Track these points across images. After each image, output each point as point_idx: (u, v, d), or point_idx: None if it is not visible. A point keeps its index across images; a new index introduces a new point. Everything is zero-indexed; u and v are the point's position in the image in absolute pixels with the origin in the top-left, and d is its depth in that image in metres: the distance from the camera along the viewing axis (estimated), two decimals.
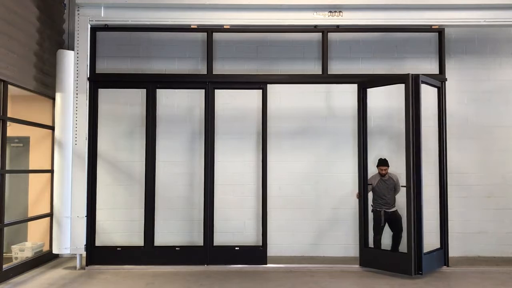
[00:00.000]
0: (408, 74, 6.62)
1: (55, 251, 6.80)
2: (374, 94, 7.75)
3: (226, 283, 6.11)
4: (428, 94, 7.14)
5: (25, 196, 7.51)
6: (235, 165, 7.65)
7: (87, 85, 6.93)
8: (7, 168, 6.65)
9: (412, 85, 6.59)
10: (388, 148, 7.77)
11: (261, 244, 7.06)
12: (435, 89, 7.16)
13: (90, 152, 6.98)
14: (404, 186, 6.64)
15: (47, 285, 5.98)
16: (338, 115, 7.79)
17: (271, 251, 7.46)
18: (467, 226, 7.62)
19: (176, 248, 7.02)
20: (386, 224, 7.15)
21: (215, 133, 7.26)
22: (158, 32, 7.54)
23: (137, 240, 7.17)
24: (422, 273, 6.38)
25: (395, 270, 6.54)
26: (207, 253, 6.98)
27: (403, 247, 6.82)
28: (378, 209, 7.10)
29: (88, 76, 6.96)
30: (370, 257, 6.87)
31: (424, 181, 7.64)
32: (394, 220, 7.12)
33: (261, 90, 7.19)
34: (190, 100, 7.67)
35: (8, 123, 6.26)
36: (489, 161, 7.76)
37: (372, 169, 7.29)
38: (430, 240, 6.93)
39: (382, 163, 7.15)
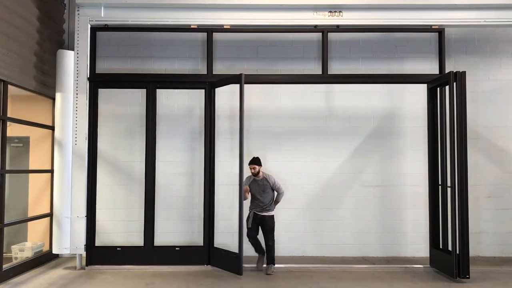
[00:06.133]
0: (450, 72, 6.37)
1: (55, 251, 6.80)
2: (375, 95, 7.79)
3: (226, 283, 6.12)
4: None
5: (25, 196, 7.51)
6: (235, 165, 7.62)
7: (87, 85, 6.92)
8: (7, 168, 6.64)
9: (457, 83, 6.30)
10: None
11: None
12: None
13: (90, 152, 6.98)
14: (449, 187, 6.38)
15: (47, 285, 5.98)
16: (338, 115, 7.79)
17: None
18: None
19: (176, 248, 7.01)
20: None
21: (215, 133, 7.27)
22: (158, 32, 7.54)
23: (137, 240, 7.16)
24: (469, 277, 6.10)
25: (447, 272, 6.36)
26: (207, 253, 6.98)
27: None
28: (250, 210, 6.76)
29: (88, 76, 6.95)
30: (437, 259, 6.73)
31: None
32: (263, 225, 6.71)
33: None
34: (190, 100, 7.67)
35: (8, 123, 6.26)
36: (489, 161, 7.77)
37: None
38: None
39: (251, 161, 6.71)
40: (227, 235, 7.45)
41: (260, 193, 6.68)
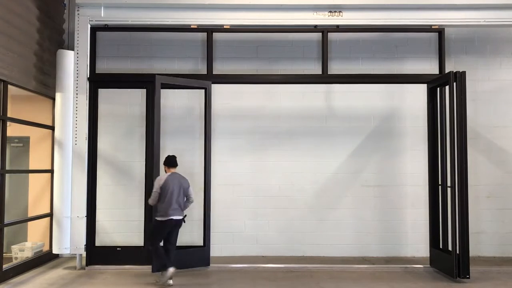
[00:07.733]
0: (450, 72, 6.36)
1: (55, 251, 6.80)
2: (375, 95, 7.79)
3: (226, 282, 6.12)
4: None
5: (25, 196, 7.51)
6: (234, 165, 7.65)
7: (87, 85, 6.93)
8: (7, 168, 6.64)
9: (457, 83, 6.27)
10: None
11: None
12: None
13: (90, 152, 6.98)
14: (449, 186, 6.38)
15: (47, 285, 5.98)
16: (338, 115, 7.79)
17: (271, 251, 7.49)
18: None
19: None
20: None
21: (215, 133, 7.26)
22: (158, 32, 7.54)
23: (137, 240, 7.16)
24: (469, 277, 6.09)
25: (447, 272, 6.35)
26: (208, 253, 6.96)
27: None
28: None
29: (88, 76, 6.96)
30: (437, 258, 6.71)
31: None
32: None
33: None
34: (190, 100, 7.67)
35: (8, 123, 6.26)
36: (489, 161, 7.77)
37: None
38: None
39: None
40: (227, 235, 7.47)
41: None
